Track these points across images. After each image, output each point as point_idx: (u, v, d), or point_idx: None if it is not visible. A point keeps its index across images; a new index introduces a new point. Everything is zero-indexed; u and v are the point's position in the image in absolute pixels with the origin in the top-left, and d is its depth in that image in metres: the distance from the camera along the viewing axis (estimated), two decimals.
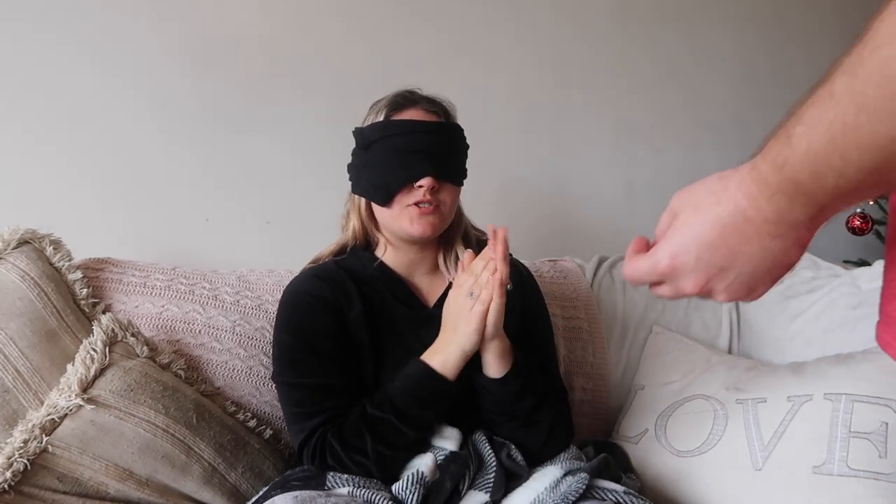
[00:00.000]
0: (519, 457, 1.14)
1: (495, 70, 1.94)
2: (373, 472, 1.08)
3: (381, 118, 1.18)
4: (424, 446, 1.13)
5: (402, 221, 1.16)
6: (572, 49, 2.03)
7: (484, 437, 1.16)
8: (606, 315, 1.60)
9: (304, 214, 1.81)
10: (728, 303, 1.57)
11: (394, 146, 1.14)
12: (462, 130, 1.22)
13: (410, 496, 1.03)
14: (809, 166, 0.51)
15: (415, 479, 1.04)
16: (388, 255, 1.24)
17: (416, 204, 1.14)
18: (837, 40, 2.28)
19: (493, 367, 1.12)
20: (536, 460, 1.16)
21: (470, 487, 1.09)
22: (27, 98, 1.63)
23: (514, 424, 1.15)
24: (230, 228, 1.77)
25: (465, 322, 1.07)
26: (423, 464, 1.08)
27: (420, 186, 1.13)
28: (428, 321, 1.18)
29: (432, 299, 1.24)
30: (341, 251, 1.27)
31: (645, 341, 1.58)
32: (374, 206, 1.20)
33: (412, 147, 1.13)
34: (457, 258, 1.23)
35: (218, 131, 1.75)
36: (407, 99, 1.19)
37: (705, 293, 0.63)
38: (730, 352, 1.57)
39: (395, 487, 1.05)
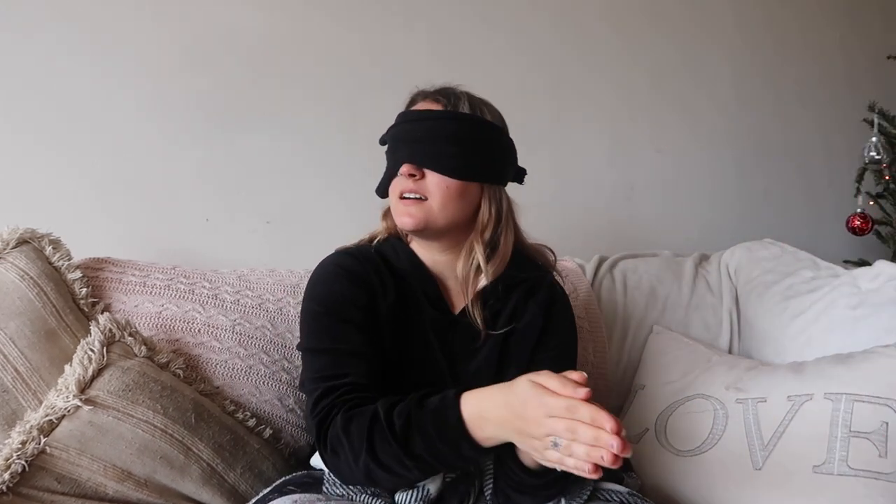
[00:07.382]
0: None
1: (495, 69, 1.93)
2: (355, 479, 1.00)
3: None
4: None
5: (396, 214, 1.13)
6: (572, 49, 2.03)
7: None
8: (606, 315, 1.60)
9: (304, 214, 1.81)
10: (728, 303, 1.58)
11: (393, 136, 1.14)
12: (482, 126, 1.13)
13: None
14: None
15: (419, 496, 1.02)
16: (418, 249, 1.19)
17: (401, 196, 1.11)
18: (830, 42, 2.29)
19: (528, 457, 0.95)
20: None
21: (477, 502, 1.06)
22: (26, 98, 1.63)
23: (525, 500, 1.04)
24: (230, 228, 1.77)
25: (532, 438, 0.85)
26: (431, 483, 1.03)
27: (401, 174, 1.11)
28: (451, 327, 1.14)
29: (459, 305, 1.17)
30: (371, 241, 1.21)
31: (645, 341, 1.58)
32: None
33: (404, 136, 1.12)
34: (478, 267, 1.14)
35: (218, 131, 1.75)
36: (421, 92, 1.17)
37: None
38: (730, 352, 1.56)
39: (398, 496, 1.03)
